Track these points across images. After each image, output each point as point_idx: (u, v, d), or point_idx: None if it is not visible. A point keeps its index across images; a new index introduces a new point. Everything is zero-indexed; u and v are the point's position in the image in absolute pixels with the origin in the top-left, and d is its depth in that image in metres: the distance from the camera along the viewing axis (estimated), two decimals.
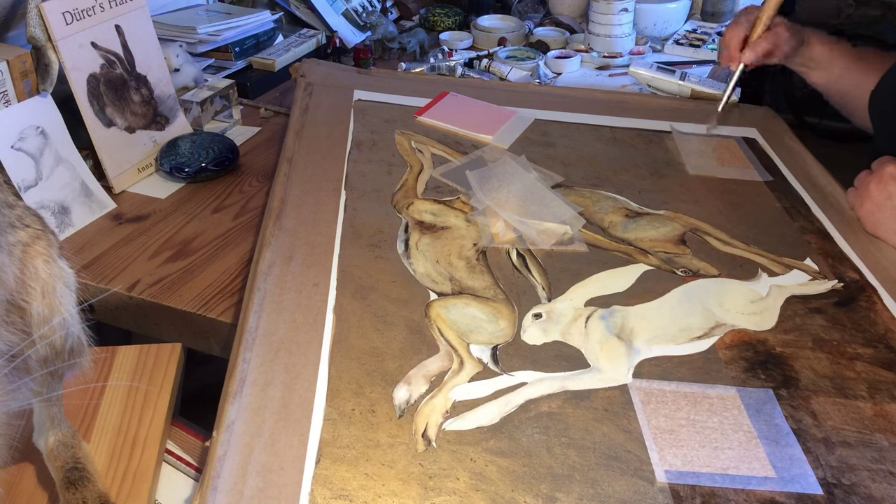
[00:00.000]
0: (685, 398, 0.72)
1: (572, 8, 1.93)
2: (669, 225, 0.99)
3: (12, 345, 0.59)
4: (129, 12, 1.13)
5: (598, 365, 0.75)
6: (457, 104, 1.22)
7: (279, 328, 0.76)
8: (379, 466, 0.63)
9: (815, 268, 0.92)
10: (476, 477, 0.63)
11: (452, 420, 0.68)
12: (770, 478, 0.65)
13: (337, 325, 0.77)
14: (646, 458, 0.66)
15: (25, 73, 1.02)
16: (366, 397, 0.69)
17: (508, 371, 0.74)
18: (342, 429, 0.66)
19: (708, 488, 0.63)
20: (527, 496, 0.61)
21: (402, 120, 1.18)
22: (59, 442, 0.70)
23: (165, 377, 0.83)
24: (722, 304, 0.85)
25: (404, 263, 0.87)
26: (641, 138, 1.21)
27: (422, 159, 1.08)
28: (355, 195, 0.98)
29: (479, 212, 0.96)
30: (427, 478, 0.62)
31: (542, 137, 1.18)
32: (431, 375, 0.72)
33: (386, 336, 0.76)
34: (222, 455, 0.62)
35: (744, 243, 0.96)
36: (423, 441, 0.65)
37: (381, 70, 1.41)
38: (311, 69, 1.29)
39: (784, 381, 0.75)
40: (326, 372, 0.71)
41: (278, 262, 0.84)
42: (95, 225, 1.04)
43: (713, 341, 0.80)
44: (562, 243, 0.93)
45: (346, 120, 1.15)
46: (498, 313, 0.81)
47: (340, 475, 0.62)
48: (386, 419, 0.67)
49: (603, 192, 1.04)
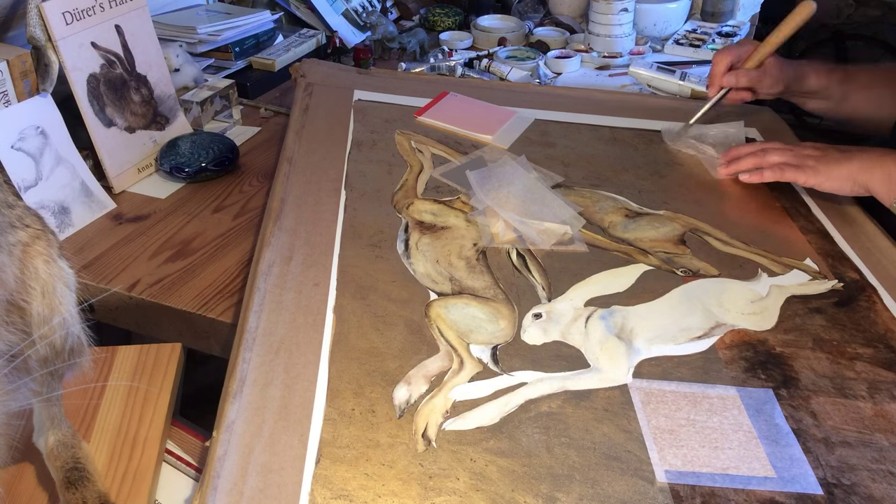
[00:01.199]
0: (685, 398, 0.72)
1: (572, 8, 1.93)
2: (669, 225, 0.99)
3: (12, 345, 0.59)
4: (129, 12, 1.13)
5: (598, 365, 0.75)
6: (457, 104, 1.22)
7: (279, 328, 0.76)
8: (379, 466, 0.63)
9: (816, 268, 0.92)
10: (476, 477, 0.63)
11: (452, 420, 0.68)
12: (770, 478, 0.65)
13: (337, 325, 0.77)
14: (646, 458, 0.66)
15: (25, 73, 1.02)
16: (366, 397, 0.69)
17: (508, 371, 0.74)
18: (342, 429, 0.66)
19: (708, 488, 0.63)
20: (527, 496, 0.61)
21: (402, 120, 1.18)
22: (59, 442, 0.70)
23: (165, 377, 0.83)
24: (722, 304, 0.85)
25: (404, 263, 0.87)
26: (641, 138, 1.21)
27: (422, 159, 1.08)
28: (355, 195, 0.98)
29: (479, 212, 0.96)
30: (427, 478, 0.62)
31: (541, 137, 1.18)
32: (431, 375, 0.72)
33: (386, 336, 0.76)
34: (222, 455, 0.62)
35: (744, 243, 0.96)
36: (423, 441, 0.65)
37: (381, 70, 1.41)
38: (311, 69, 1.29)
39: (784, 380, 0.75)
40: (326, 372, 0.71)
41: (278, 262, 0.84)
42: (95, 225, 1.04)
43: (713, 341, 0.80)
44: (562, 243, 0.93)
45: (346, 120, 1.15)
46: (498, 313, 0.81)
47: (340, 475, 0.62)
48: (386, 419, 0.67)
49: (603, 192, 1.04)
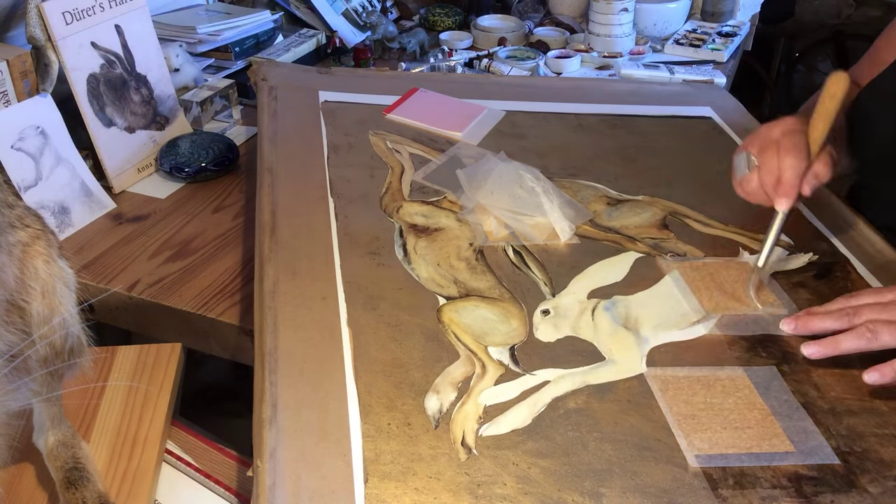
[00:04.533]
0: (699, 382, 0.76)
1: (572, 8, 1.94)
2: (650, 210, 1.02)
3: (12, 345, 0.59)
4: (129, 12, 1.14)
5: (612, 357, 0.78)
6: (426, 100, 1.22)
7: (297, 347, 0.75)
8: (427, 480, 0.64)
9: (790, 241, 0.97)
10: (522, 480, 0.64)
11: (487, 425, 0.69)
12: (790, 452, 0.69)
13: (354, 338, 0.77)
14: (675, 445, 0.69)
15: (25, 73, 1.02)
16: (399, 410, 0.70)
17: (530, 371, 0.75)
18: (382, 444, 0.66)
19: (737, 468, 0.67)
20: (573, 494, 0.63)
21: (374, 120, 1.18)
22: (59, 442, 0.70)
23: (165, 377, 0.83)
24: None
25: (406, 269, 0.87)
26: (606, 123, 1.24)
27: (401, 160, 1.08)
28: (343, 202, 0.97)
29: (469, 210, 0.97)
30: (475, 486, 0.64)
31: (512, 129, 1.19)
32: (458, 382, 0.73)
33: (405, 346, 0.77)
34: (272, 485, 0.62)
35: (722, 223, 1.00)
36: (463, 450, 0.67)
37: (341, 69, 1.39)
38: (271, 72, 1.26)
39: (783, 357, 0.80)
40: (354, 388, 0.71)
41: (283, 279, 0.83)
42: (95, 225, 1.05)
43: (712, 323, 0.83)
44: (554, 236, 0.94)
45: (316, 123, 1.14)
46: (508, 313, 0.82)
47: (391, 492, 0.63)
48: (423, 431, 0.68)
49: (582, 181, 1.07)
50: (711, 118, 1.29)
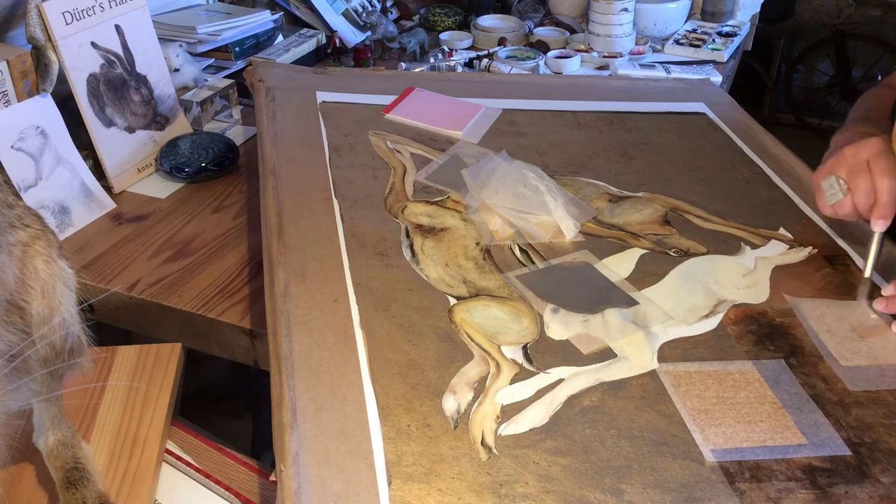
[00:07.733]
0: (710, 377, 0.77)
1: (572, 8, 1.94)
2: (651, 206, 1.03)
3: (12, 345, 0.59)
4: (129, 12, 1.14)
5: (624, 353, 0.79)
6: (423, 100, 1.22)
7: (312, 350, 0.75)
8: (449, 480, 0.64)
9: (790, 236, 0.99)
10: (543, 479, 0.65)
11: (505, 425, 0.70)
12: (803, 445, 0.70)
13: (368, 340, 0.77)
14: (691, 440, 0.70)
15: (25, 73, 1.02)
16: (417, 412, 0.70)
17: (544, 369, 0.76)
18: (403, 446, 0.67)
19: (753, 462, 0.68)
20: (595, 491, 0.64)
21: (372, 120, 1.17)
22: (59, 442, 0.70)
23: (165, 377, 0.84)
24: (718, 281, 0.90)
25: (415, 270, 0.88)
26: (602, 120, 1.25)
27: (402, 160, 1.08)
28: (348, 203, 0.97)
29: (474, 209, 0.98)
30: (498, 485, 0.64)
31: (510, 128, 1.20)
32: (473, 382, 0.74)
33: (419, 347, 0.77)
34: (297, 489, 0.62)
35: (722, 218, 1.01)
36: (483, 450, 0.67)
37: (337, 69, 1.39)
38: (267, 72, 1.26)
39: (791, 350, 0.81)
40: (372, 390, 0.72)
41: (293, 282, 0.83)
42: (95, 225, 1.05)
43: (720, 318, 0.84)
44: (559, 234, 0.95)
45: (316, 124, 1.14)
46: (518, 311, 0.83)
47: (415, 494, 0.63)
48: (442, 432, 0.69)
49: (583, 178, 1.08)
50: (705, 114, 1.30)
